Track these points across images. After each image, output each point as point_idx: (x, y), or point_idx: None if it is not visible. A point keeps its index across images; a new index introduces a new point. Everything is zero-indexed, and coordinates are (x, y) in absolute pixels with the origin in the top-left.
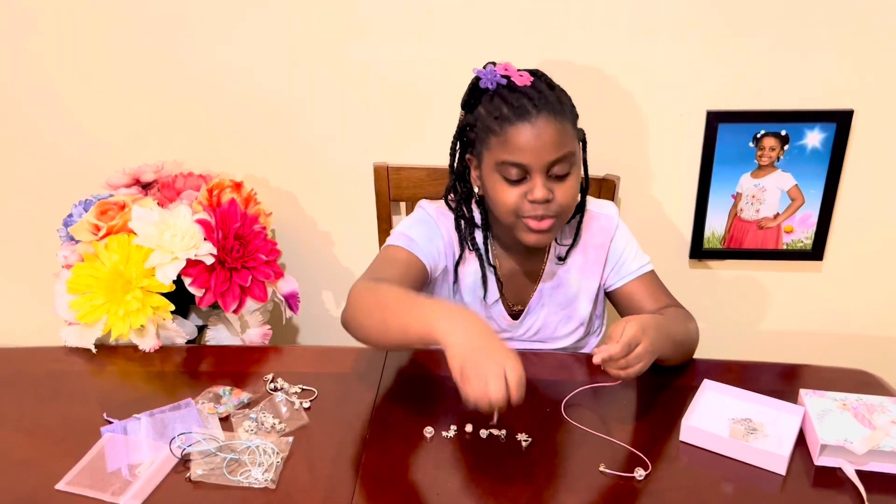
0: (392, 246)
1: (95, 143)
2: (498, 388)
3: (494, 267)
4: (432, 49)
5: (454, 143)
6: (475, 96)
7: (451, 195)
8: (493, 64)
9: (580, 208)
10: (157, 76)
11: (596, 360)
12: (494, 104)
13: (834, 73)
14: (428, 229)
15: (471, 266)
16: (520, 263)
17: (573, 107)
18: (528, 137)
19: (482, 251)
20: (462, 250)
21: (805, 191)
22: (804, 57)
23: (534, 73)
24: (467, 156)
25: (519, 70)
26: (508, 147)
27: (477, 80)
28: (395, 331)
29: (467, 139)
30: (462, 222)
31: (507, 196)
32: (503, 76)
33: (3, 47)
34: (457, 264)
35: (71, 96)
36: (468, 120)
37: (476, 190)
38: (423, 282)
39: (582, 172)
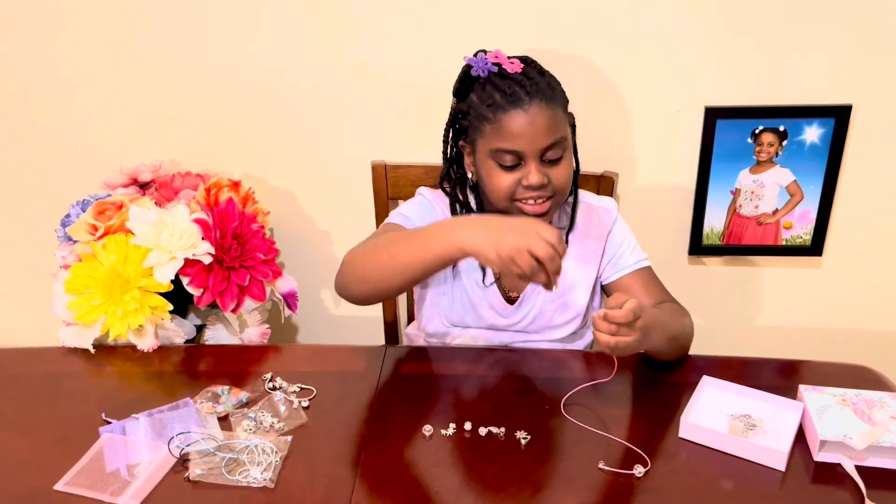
0: (388, 223)
1: (93, 143)
2: (541, 246)
3: None
4: (430, 47)
5: (447, 131)
6: (466, 84)
7: (446, 182)
8: (484, 52)
9: (573, 192)
10: (155, 75)
11: (597, 313)
12: (486, 92)
13: (832, 68)
14: (424, 211)
15: None
16: None
17: (563, 92)
18: (522, 124)
19: None
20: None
21: (804, 186)
22: (802, 52)
23: (524, 59)
24: (460, 143)
25: (509, 57)
26: (502, 134)
27: (468, 68)
28: (411, 260)
29: (460, 126)
30: (458, 207)
31: (502, 182)
32: (494, 63)
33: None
34: None
35: (68, 96)
36: (460, 108)
37: (470, 176)
38: None
39: (573, 156)
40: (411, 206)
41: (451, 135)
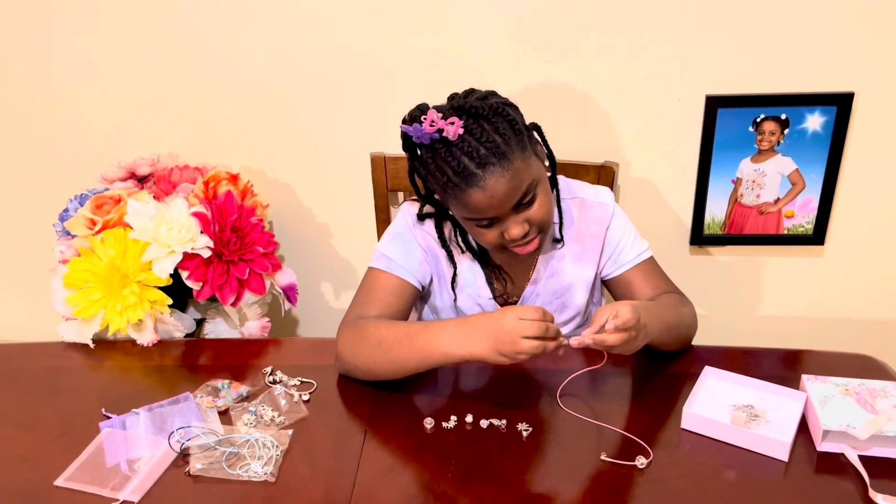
0: (374, 270)
1: (90, 137)
2: (531, 349)
3: (498, 267)
4: (429, 38)
5: (411, 175)
6: (411, 145)
7: (427, 206)
8: (420, 111)
9: (554, 183)
10: (152, 69)
11: (587, 341)
12: (437, 163)
13: (834, 55)
14: (405, 243)
15: (462, 263)
16: (511, 255)
17: (513, 123)
18: (483, 199)
19: (475, 251)
20: (449, 252)
21: (806, 175)
22: (804, 39)
23: (459, 109)
24: (429, 185)
25: (443, 114)
26: (468, 209)
27: (407, 135)
28: (413, 366)
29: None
30: (444, 232)
31: (485, 237)
32: (435, 131)
33: None
34: (453, 278)
35: (65, 90)
36: (414, 164)
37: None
38: (413, 298)
39: (548, 153)
40: (391, 242)
41: (416, 179)
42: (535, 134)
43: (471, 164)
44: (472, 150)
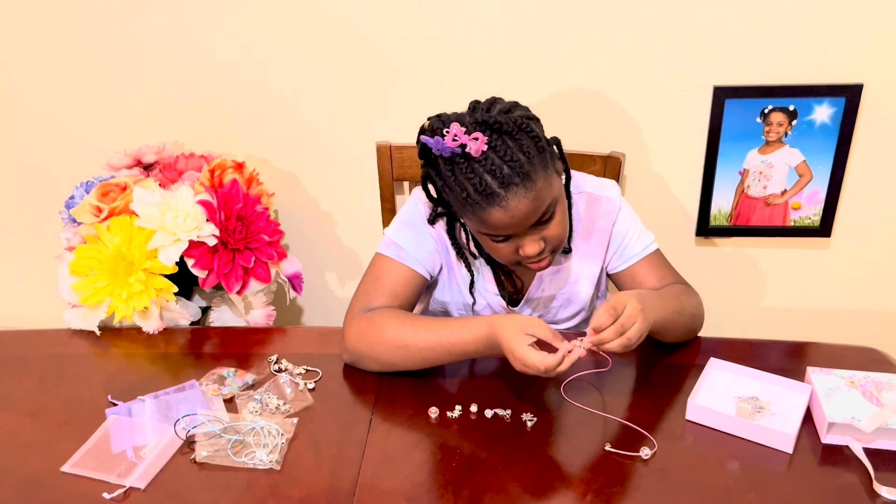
0: (382, 257)
1: (97, 125)
2: (548, 368)
3: (508, 272)
4: (433, 27)
5: (424, 182)
6: (428, 152)
7: (439, 207)
8: (442, 123)
9: (568, 197)
10: (158, 57)
11: (586, 345)
12: (457, 178)
13: (843, 46)
14: (416, 232)
15: (470, 260)
16: None
17: (537, 140)
18: (503, 219)
19: (486, 256)
20: (463, 257)
21: (813, 167)
22: (812, 30)
23: (483, 124)
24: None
25: (466, 128)
26: (486, 225)
27: (425, 145)
28: (448, 360)
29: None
30: (455, 233)
31: (500, 252)
32: (458, 146)
33: (1, 29)
34: (471, 284)
35: (72, 77)
36: (429, 173)
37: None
38: (421, 288)
39: (563, 163)
40: (402, 229)
41: (428, 186)
42: (555, 148)
43: (493, 183)
44: (496, 169)
